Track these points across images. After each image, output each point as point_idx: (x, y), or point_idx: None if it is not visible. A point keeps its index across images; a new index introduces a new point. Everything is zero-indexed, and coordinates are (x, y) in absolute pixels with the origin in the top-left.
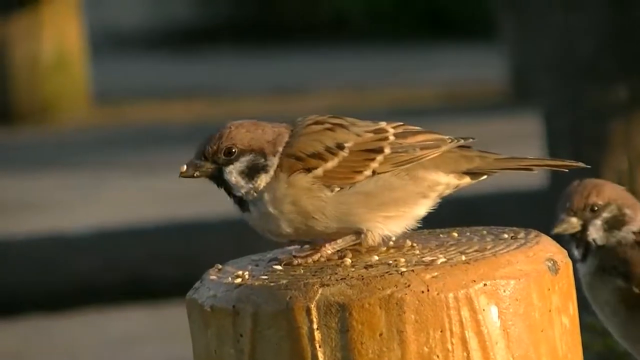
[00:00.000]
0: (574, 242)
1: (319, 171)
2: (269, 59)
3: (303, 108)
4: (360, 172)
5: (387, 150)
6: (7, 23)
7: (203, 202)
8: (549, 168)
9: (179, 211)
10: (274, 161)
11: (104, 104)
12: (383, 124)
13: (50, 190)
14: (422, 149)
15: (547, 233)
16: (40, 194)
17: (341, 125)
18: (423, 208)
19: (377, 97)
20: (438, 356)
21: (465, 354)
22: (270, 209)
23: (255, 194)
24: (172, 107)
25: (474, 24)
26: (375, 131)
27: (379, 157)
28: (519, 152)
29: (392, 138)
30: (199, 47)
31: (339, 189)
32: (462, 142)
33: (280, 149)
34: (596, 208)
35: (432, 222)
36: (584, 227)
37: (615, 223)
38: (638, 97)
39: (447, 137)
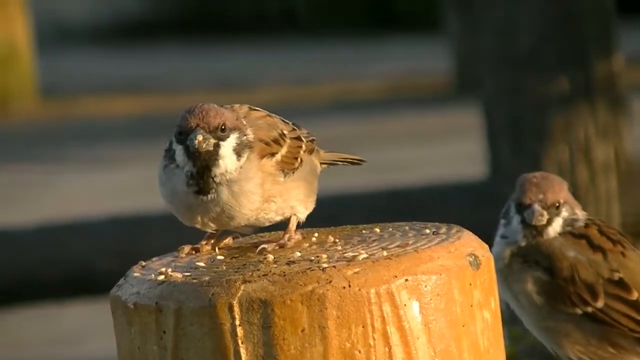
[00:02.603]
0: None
1: (278, 156)
2: (215, 53)
3: (249, 102)
4: (296, 159)
5: (304, 139)
6: None
7: (148, 197)
8: (346, 161)
9: (124, 206)
10: (251, 142)
11: (52, 97)
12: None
13: None
14: (312, 140)
15: (489, 224)
16: None
17: (270, 115)
18: None
19: (323, 90)
20: (360, 351)
21: (387, 349)
22: (244, 189)
23: (232, 173)
24: (118, 101)
25: (421, 18)
26: (284, 121)
27: (303, 145)
28: (462, 144)
29: (296, 128)
30: (146, 41)
31: (288, 174)
32: None
33: (249, 132)
34: (557, 205)
35: (372, 215)
36: (548, 222)
37: (570, 222)
38: (578, 89)
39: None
